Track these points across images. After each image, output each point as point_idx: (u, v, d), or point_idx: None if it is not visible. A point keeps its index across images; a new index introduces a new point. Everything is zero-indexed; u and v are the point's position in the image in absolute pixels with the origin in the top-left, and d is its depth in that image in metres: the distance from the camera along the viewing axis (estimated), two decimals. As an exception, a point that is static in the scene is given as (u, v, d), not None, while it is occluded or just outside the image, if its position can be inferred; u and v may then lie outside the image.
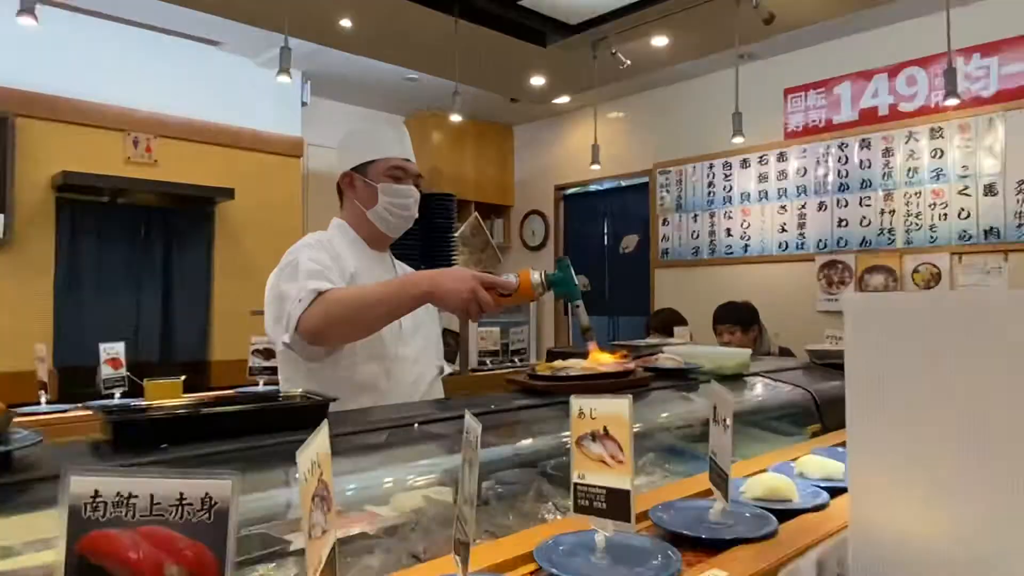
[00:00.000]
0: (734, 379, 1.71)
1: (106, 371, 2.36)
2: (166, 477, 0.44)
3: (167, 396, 0.99)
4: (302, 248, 1.46)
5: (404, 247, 2.63)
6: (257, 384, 2.61)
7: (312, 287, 1.31)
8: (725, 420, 0.87)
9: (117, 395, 2.35)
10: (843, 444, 1.29)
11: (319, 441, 0.56)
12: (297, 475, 0.51)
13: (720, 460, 0.85)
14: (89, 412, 1.76)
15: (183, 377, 1.01)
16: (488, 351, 3.49)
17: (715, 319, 3.44)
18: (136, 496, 0.44)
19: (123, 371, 2.36)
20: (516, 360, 3.60)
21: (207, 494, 0.44)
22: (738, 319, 3.35)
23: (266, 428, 0.96)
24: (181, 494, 0.44)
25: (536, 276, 1.31)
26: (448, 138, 5.84)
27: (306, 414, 1.02)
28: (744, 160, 4.73)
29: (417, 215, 1.62)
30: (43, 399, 2.35)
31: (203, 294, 4.39)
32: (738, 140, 4.04)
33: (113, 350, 2.37)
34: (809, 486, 1.01)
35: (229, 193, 4.30)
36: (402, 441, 1.08)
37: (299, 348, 1.35)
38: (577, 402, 0.70)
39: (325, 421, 0.57)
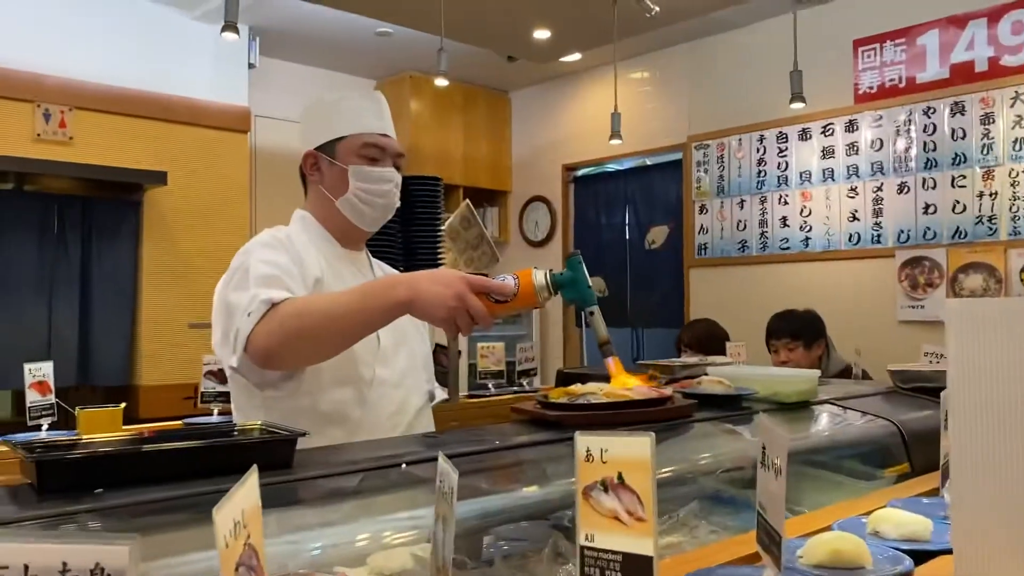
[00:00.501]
0: (797, 408, 1.71)
1: (32, 397, 2.39)
2: (45, 541, 0.43)
3: (104, 428, 0.99)
4: (255, 248, 1.47)
5: (379, 244, 2.64)
6: (211, 413, 2.63)
7: (264, 297, 1.32)
8: (777, 463, 0.85)
9: (45, 426, 2.38)
10: (931, 492, 1.28)
11: (244, 493, 0.56)
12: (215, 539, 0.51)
13: (770, 515, 0.84)
14: (5, 448, 1.76)
15: (123, 405, 1.02)
16: (490, 372, 3.50)
17: (769, 332, 3.43)
18: (6, 567, 0.43)
19: (51, 397, 2.39)
20: (524, 384, 3.61)
21: (97, 564, 0.43)
22: (799, 332, 3.34)
23: (222, 469, 0.97)
24: (64, 564, 0.43)
25: (540, 277, 1.31)
26: (430, 108, 5.86)
27: (268, 452, 1.03)
28: (804, 130, 4.74)
29: (398, 203, 1.62)
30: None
31: (128, 303, 4.40)
32: (797, 106, 4.05)
33: (40, 372, 2.40)
34: (886, 549, 1.00)
35: (160, 178, 4.31)
36: (381, 487, 1.08)
37: (249, 372, 1.36)
38: (584, 440, 0.69)
39: (254, 469, 0.56)
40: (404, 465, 1.10)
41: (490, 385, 3.50)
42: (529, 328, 5.95)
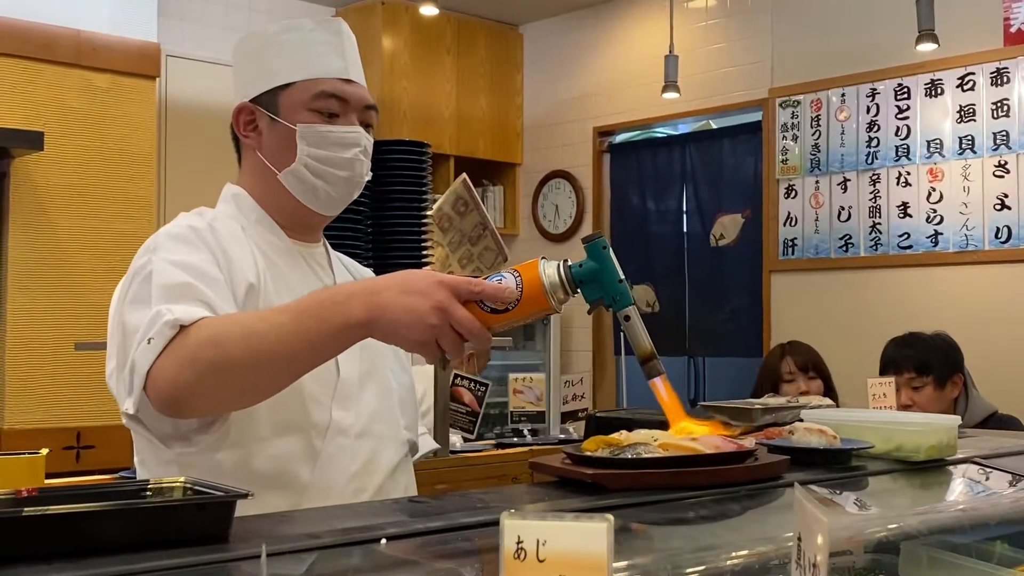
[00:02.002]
0: (928, 469, 1.71)
1: None
2: None
3: (20, 481, 1.01)
4: (163, 243, 1.47)
5: (340, 235, 2.65)
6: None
7: (169, 318, 1.31)
8: (816, 564, 0.84)
9: None
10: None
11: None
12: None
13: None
14: None
15: (44, 451, 1.04)
16: (525, 413, 3.49)
17: (884, 365, 3.43)
18: None
19: None
20: (571, 430, 3.64)
21: None
22: (928, 364, 3.33)
23: (132, 543, 0.98)
24: None
25: (551, 271, 1.30)
26: (410, 46, 5.89)
27: (196, 520, 1.03)
28: (933, 82, 4.76)
29: (367, 176, 1.63)
30: None
31: (-14, 312, 4.41)
32: (926, 47, 4.05)
33: None
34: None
35: (33, 140, 4.31)
36: (351, 571, 1.09)
37: (152, 421, 1.37)
38: (514, 526, 0.68)
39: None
40: (384, 541, 1.10)
41: (525, 432, 3.50)
42: (544, 351, 5.95)
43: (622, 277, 1.34)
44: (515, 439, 3.59)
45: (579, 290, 1.32)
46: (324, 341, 1.30)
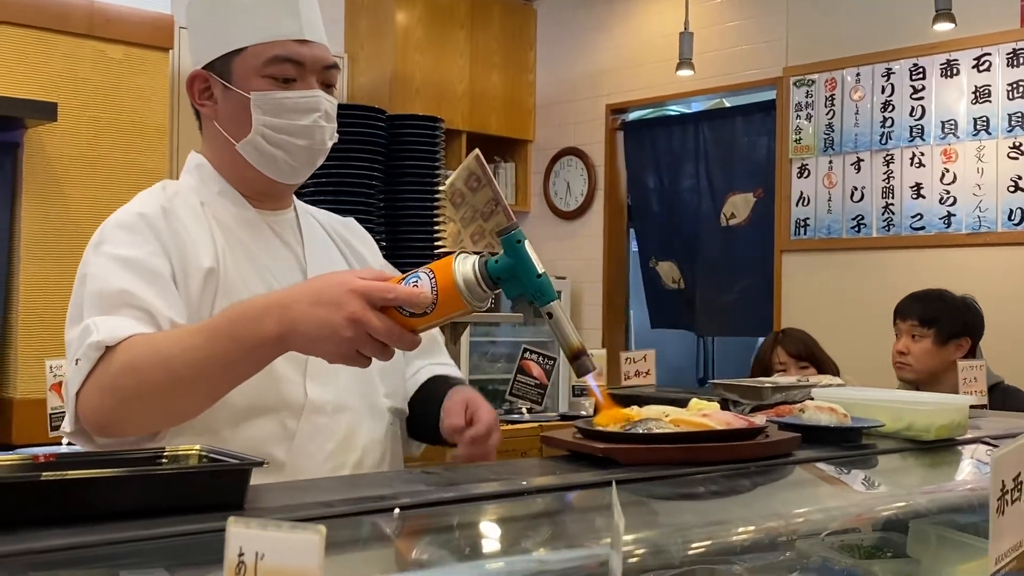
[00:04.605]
0: (938, 448, 1.71)
1: (54, 401, 2.59)
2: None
3: None
4: (109, 235, 1.48)
5: (356, 210, 2.65)
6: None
7: (94, 339, 1.32)
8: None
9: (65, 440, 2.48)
10: None
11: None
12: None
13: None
14: None
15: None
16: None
17: (896, 309, 3.42)
18: None
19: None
20: (588, 405, 3.74)
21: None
22: (935, 317, 3.32)
23: (149, 509, 0.99)
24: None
25: (467, 269, 1.24)
26: (423, 22, 5.87)
27: (214, 486, 1.05)
28: (949, 63, 4.74)
29: (332, 142, 1.58)
30: None
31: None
32: (943, 27, 4.02)
33: (61, 370, 2.62)
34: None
35: (47, 111, 4.32)
36: (365, 540, 1.10)
37: (87, 444, 1.38)
38: (237, 533, 0.66)
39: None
40: (397, 511, 1.11)
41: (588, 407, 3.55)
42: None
43: (540, 272, 1.25)
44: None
45: (497, 286, 1.25)
46: (239, 361, 1.30)
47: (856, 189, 5.02)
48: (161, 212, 1.50)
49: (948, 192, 4.72)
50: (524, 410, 3.52)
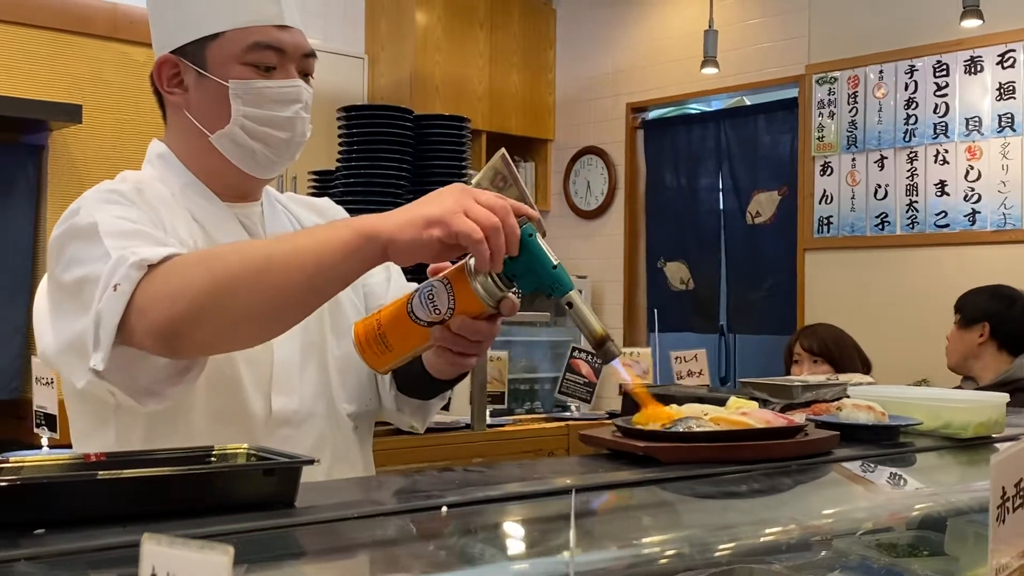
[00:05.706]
0: (975, 446, 1.71)
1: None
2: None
3: None
4: (87, 207, 1.33)
5: (381, 206, 2.66)
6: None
7: (134, 260, 1.20)
8: None
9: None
10: None
11: None
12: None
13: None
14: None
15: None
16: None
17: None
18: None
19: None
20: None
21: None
22: (962, 303, 3.52)
23: (200, 507, 1.00)
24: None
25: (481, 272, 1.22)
26: (443, 21, 5.87)
27: (268, 485, 1.05)
28: (973, 59, 4.72)
29: (309, 133, 1.50)
30: None
31: (22, 283, 4.45)
32: (971, 24, 4.01)
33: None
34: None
35: (72, 113, 4.35)
36: (415, 537, 1.11)
37: (121, 378, 1.23)
38: (153, 552, 0.64)
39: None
40: (445, 509, 1.12)
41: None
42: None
43: (556, 263, 1.22)
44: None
45: (513, 284, 1.23)
46: (332, 256, 1.20)
47: (880, 187, 5.01)
48: (135, 191, 1.41)
49: (973, 189, 4.70)
50: (573, 408, 3.62)
